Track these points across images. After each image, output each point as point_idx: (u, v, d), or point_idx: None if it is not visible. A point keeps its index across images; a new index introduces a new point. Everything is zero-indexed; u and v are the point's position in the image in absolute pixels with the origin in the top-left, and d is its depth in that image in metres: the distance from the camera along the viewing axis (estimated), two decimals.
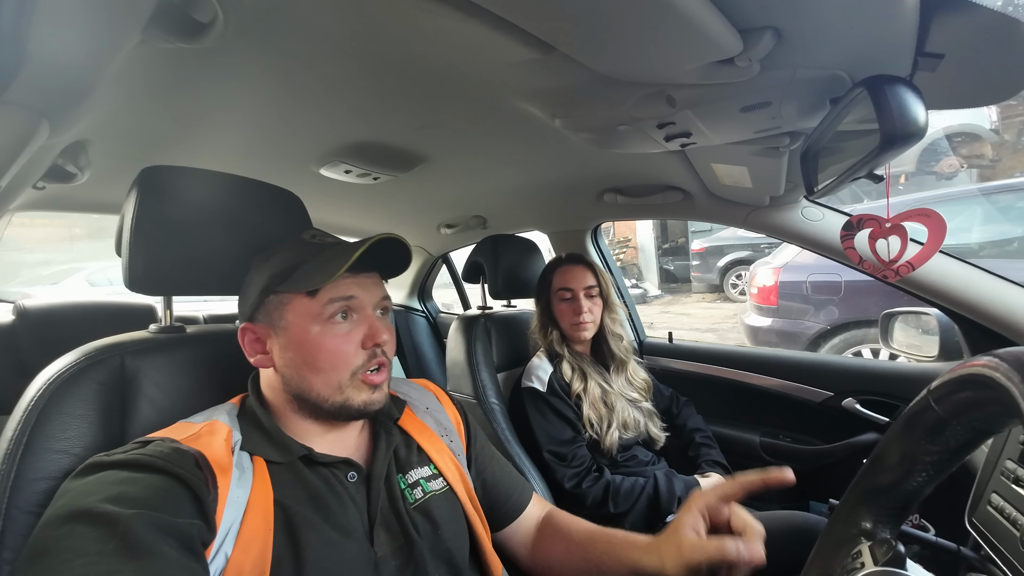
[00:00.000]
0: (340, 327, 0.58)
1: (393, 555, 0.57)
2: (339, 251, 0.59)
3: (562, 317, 1.25)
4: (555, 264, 1.30)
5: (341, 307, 0.58)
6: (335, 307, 0.58)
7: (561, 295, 1.25)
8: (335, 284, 0.58)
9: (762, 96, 0.70)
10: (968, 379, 0.30)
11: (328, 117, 0.94)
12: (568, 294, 1.24)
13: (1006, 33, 0.55)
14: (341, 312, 0.58)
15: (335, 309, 0.58)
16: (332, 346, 0.57)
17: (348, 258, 0.55)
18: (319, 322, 0.58)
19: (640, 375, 1.32)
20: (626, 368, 1.29)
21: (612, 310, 1.29)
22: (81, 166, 0.99)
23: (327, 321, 0.58)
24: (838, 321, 2.91)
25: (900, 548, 0.35)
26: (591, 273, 1.26)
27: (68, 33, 0.49)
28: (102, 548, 0.40)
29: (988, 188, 3.28)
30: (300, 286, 0.57)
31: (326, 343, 0.57)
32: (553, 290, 1.26)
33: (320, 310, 0.57)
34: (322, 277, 0.56)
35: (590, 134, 0.92)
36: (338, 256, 0.58)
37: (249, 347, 0.60)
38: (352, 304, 0.59)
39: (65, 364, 0.58)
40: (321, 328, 0.57)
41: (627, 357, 1.30)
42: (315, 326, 0.57)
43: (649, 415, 1.27)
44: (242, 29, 0.62)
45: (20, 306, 1.32)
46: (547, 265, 1.33)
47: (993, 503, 0.64)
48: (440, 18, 0.57)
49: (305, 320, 0.58)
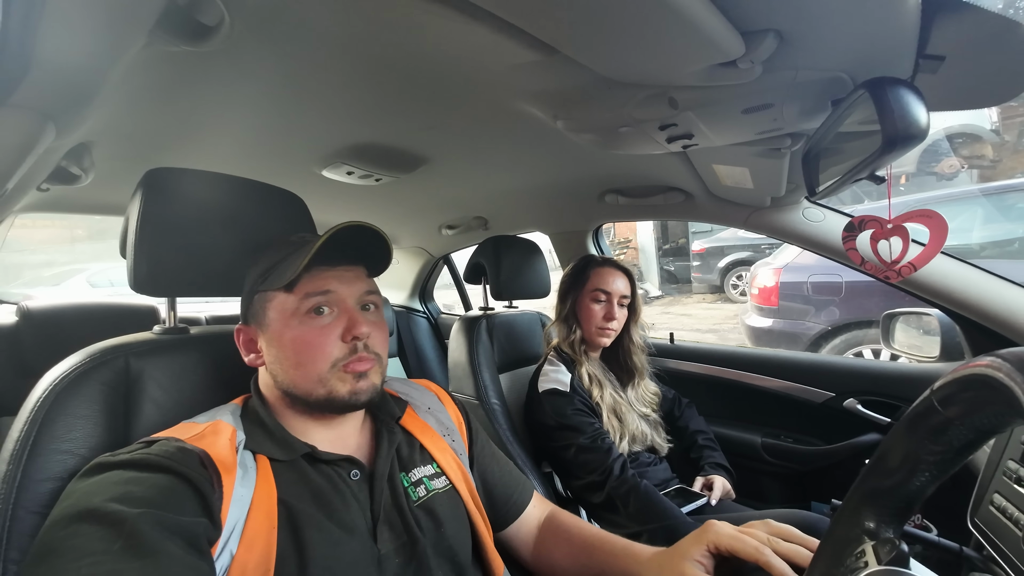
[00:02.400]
0: (317, 321, 0.58)
1: (396, 552, 0.57)
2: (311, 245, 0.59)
3: (590, 318, 1.21)
4: (593, 262, 1.25)
5: (318, 301, 0.58)
6: (312, 301, 0.58)
7: (595, 295, 1.21)
8: (312, 278, 0.58)
9: (764, 98, 0.70)
10: (971, 379, 0.31)
11: (331, 119, 0.95)
12: (603, 296, 1.21)
13: (1007, 35, 0.55)
14: (318, 307, 0.58)
15: (312, 304, 0.58)
16: (309, 339, 0.57)
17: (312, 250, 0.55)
18: (297, 316, 0.58)
19: (651, 389, 1.31)
20: (641, 381, 1.28)
21: (637, 321, 1.27)
22: (85, 168, 0.99)
23: (304, 315, 0.58)
24: (839, 322, 2.91)
25: (904, 548, 0.35)
26: (629, 282, 1.24)
27: (74, 37, 0.50)
28: (108, 547, 0.40)
29: (989, 189, 3.28)
30: (277, 282, 0.58)
31: (303, 337, 0.57)
32: (588, 288, 1.21)
33: (297, 305, 0.58)
34: (292, 271, 0.57)
35: (592, 135, 0.92)
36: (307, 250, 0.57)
37: (244, 348, 0.62)
38: (330, 298, 0.59)
39: (70, 365, 0.58)
40: (299, 323, 0.58)
41: (644, 370, 1.28)
42: (293, 321, 0.58)
43: (655, 425, 1.26)
44: (247, 32, 0.62)
45: (24, 307, 1.32)
46: (582, 260, 1.28)
47: (995, 503, 0.64)
48: (443, 20, 0.58)
49: (284, 316, 0.58)
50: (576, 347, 1.21)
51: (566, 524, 0.74)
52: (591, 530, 0.72)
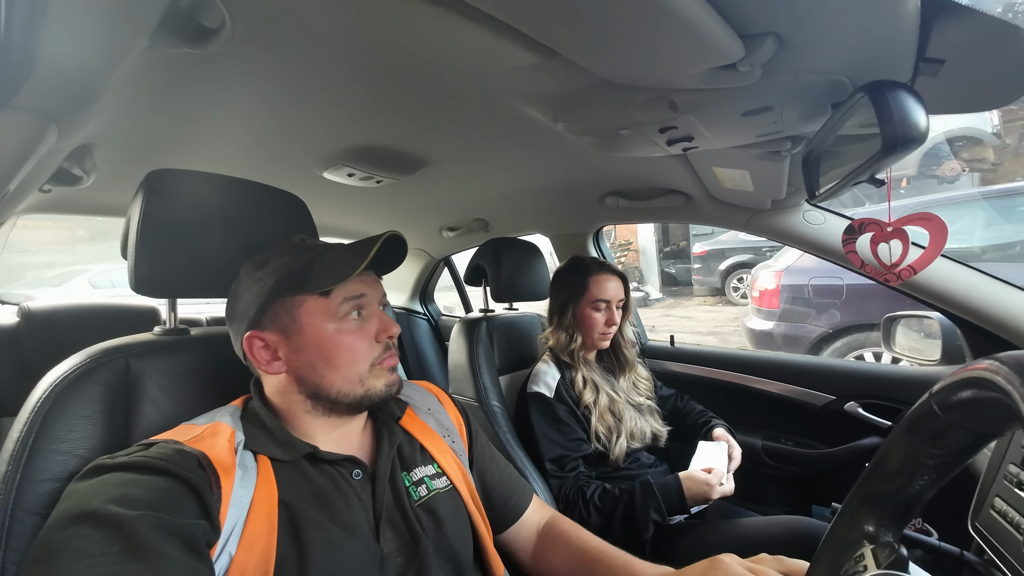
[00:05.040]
0: (353, 324, 0.60)
1: (398, 552, 0.57)
2: (346, 250, 0.61)
3: (592, 327, 1.21)
4: (589, 270, 1.24)
5: (354, 305, 0.60)
6: (349, 305, 0.60)
7: (596, 305, 1.21)
8: (346, 283, 0.59)
9: (764, 101, 0.70)
10: (969, 382, 0.31)
11: (332, 121, 0.95)
12: (603, 305, 1.21)
13: (1007, 38, 0.55)
14: (354, 310, 0.60)
15: (349, 307, 0.60)
16: (349, 342, 0.59)
17: (363, 257, 0.57)
18: (335, 320, 0.59)
19: (643, 374, 1.33)
20: (633, 371, 1.29)
21: (628, 317, 1.28)
22: (87, 169, 1.00)
23: (342, 319, 0.60)
24: (840, 325, 2.91)
25: (903, 552, 0.35)
26: (623, 284, 1.25)
27: (77, 39, 0.50)
28: (107, 550, 0.40)
29: (990, 192, 3.28)
30: (315, 287, 0.58)
31: (344, 340, 0.59)
32: (587, 299, 1.21)
33: (336, 309, 0.59)
34: (338, 276, 0.58)
35: (592, 138, 0.92)
36: (347, 255, 0.59)
37: (258, 355, 0.59)
38: (363, 301, 0.61)
39: (70, 366, 0.58)
40: (337, 326, 0.59)
41: (635, 361, 1.30)
42: (331, 324, 0.59)
43: (650, 411, 1.27)
44: (249, 34, 0.62)
45: (25, 308, 1.32)
46: (576, 267, 1.26)
47: (996, 507, 0.64)
48: (444, 23, 0.58)
49: (321, 320, 0.59)
50: (576, 355, 1.22)
51: (566, 532, 0.74)
52: (591, 541, 0.72)
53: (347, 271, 0.57)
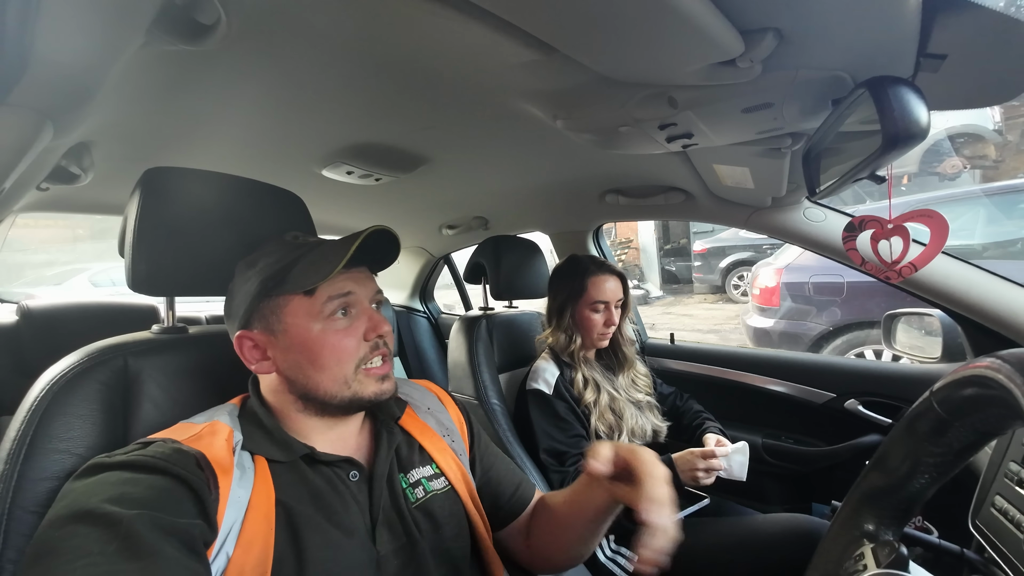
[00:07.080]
0: (340, 323, 0.59)
1: (395, 554, 0.57)
2: (330, 248, 0.59)
3: (591, 327, 1.21)
4: (588, 271, 1.23)
5: (340, 304, 0.59)
6: (334, 304, 0.58)
7: (595, 307, 1.21)
8: (332, 281, 0.58)
9: (764, 97, 0.70)
10: (970, 380, 0.30)
11: (330, 118, 0.95)
12: (602, 306, 1.21)
13: (1009, 34, 0.55)
14: (340, 309, 0.59)
15: (335, 306, 0.58)
16: (335, 342, 0.58)
17: (344, 254, 0.55)
18: (319, 320, 0.58)
19: (642, 371, 1.33)
20: (632, 368, 1.29)
21: (626, 315, 1.28)
22: (85, 167, 0.99)
23: (328, 319, 0.58)
24: (840, 322, 2.90)
25: (903, 550, 0.35)
26: (621, 283, 1.25)
27: (72, 35, 0.50)
28: (104, 549, 0.40)
29: (991, 189, 3.27)
30: (297, 286, 0.57)
31: (329, 340, 0.58)
32: (586, 300, 1.21)
33: (320, 308, 0.58)
34: (319, 275, 0.56)
35: (592, 135, 0.92)
36: (330, 253, 0.58)
37: (248, 355, 0.59)
38: (350, 300, 0.59)
39: (68, 364, 0.58)
40: (322, 326, 0.58)
41: (634, 358, 1.30)
42: (316, 324, 0.57)
43: (650, 407, 1.27)
44: (245, 31, 0.62)
45: (24, 306, 1.32)
46: (574, 267, 1.26)
47: (997, 505, 0.64)
48: (442, 20, 0.57)
49: (305, 320, 0.58)
50: (576, 355, 1.22)
51: (546, 500, 0.74)
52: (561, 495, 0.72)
53: (328, 269, 0.56)
